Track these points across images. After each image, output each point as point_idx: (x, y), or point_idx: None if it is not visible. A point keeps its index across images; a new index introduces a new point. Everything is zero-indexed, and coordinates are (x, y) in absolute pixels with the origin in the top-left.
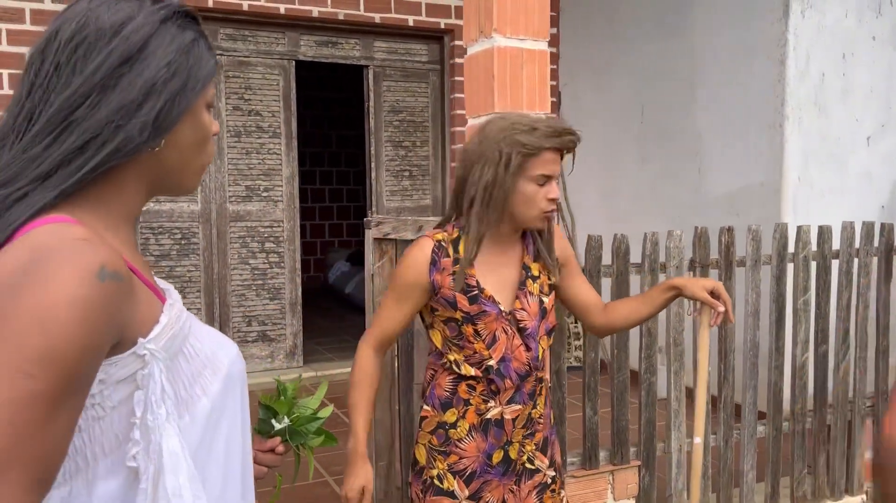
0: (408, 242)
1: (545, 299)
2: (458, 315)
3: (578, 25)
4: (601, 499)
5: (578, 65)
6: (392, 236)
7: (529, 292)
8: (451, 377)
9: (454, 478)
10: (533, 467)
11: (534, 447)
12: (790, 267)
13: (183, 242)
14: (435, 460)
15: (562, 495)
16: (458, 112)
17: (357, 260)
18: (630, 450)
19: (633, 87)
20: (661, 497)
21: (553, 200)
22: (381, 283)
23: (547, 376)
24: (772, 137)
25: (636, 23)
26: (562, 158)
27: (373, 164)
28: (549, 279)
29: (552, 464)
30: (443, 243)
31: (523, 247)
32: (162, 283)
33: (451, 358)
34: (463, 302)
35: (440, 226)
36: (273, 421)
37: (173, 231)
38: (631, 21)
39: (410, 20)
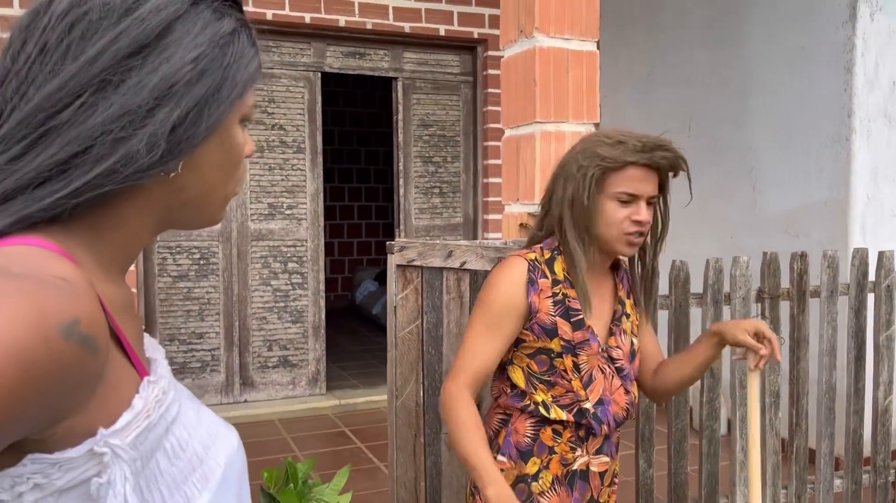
0: (435, 270)
1: (635, 340)
2: (556, 345)
3: (618, 34)
4: None
5: (618, 76)
6: (417, 262)
7: (623, 330)
8: (533, 421)
9: None
10: None
11: None
12: (870, 297)
13: (202, 262)
14: None
15: None
16: (492, 126)
17: (385, 279)
18: None
19: (680, 99)
20: None
21: (638, 222)
22: (404, 317)
23: None
24: (836, 152)
25: (681, 30)
26: (664, 179)
27: (401, 181)
28: (638, 319)
29: None
30: (537, 263)
31: (616, 278)
32: (151, 349)
33: (538, 398)
34: (565, 328)
35: (527, 247)
36: None
37: (192, 250)
38: (675, 28)
39: (442, 30)
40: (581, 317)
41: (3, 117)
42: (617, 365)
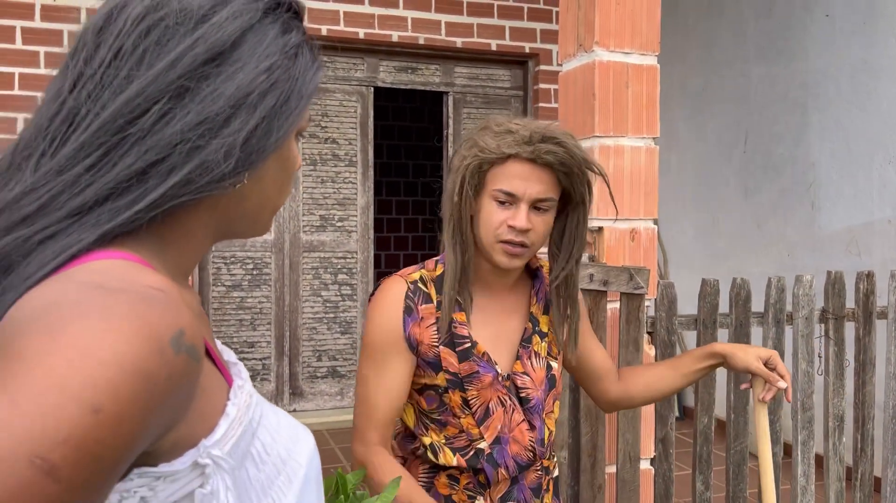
0: None
1: (554, 364)
2: (441, 380)
3: (672, 48)
4: None
5: (672, 91)
6: None
7: (535, 352)
8: (426, 467)
9: None
10: None
11: None
12: None
13: (255, 272)
14: None
15: None
16: None
17: None
18: None
19: (735, 114)
20: None
21: (515, 229)
22: None
23: (555, 464)
24: None
25: (737, 44)
26: (572, 186)
27: None
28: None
29: None
30: (419, 284)
31: (531, 291)
32: (226, 353)
33: (427, 441)
34: (450, 359)
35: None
36: None
37: (245, 261)
38: (731, 42)
39: (493, 45)
40: (468, 345)
41: (77, 124)
42: (521, 395)
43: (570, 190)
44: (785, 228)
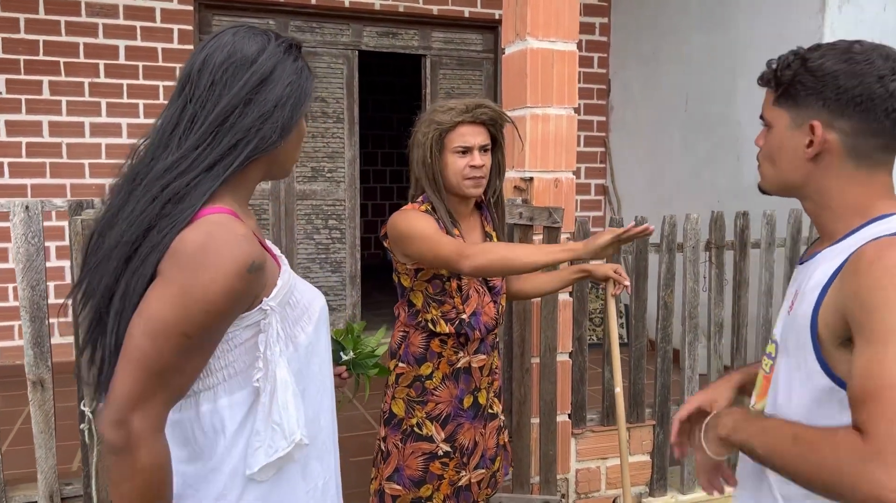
0: None
1: None
2: (445, 271)
3: (629, 16)
4: (617, 453)
5: (628, 55)
6: None
7: None
8: (425, 335)
9: (432, 424)
10: (492, 412)
11: (493, 394)
12: (803, 249)
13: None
14: (414, 410)
15: (503, 436)
16: None
17: None
18: (646, 410)
19: (679, 77)
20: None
21: (475, 167)
22: None
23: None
24: None
25: (683, 14)
26: (497, 133)
27: None
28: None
29: (504, 410)
30: (430, 213)
31: (482, 217)
32: (274, 248)
33: (429, 316)
34: None
35: (411, 203)
36: (341, 353)
37: None
38: (678, 12)
39: (466, 12)
40: None
41: (197, 122)
42: (490, 284)
43: (497, 136)
44: (716, 177)
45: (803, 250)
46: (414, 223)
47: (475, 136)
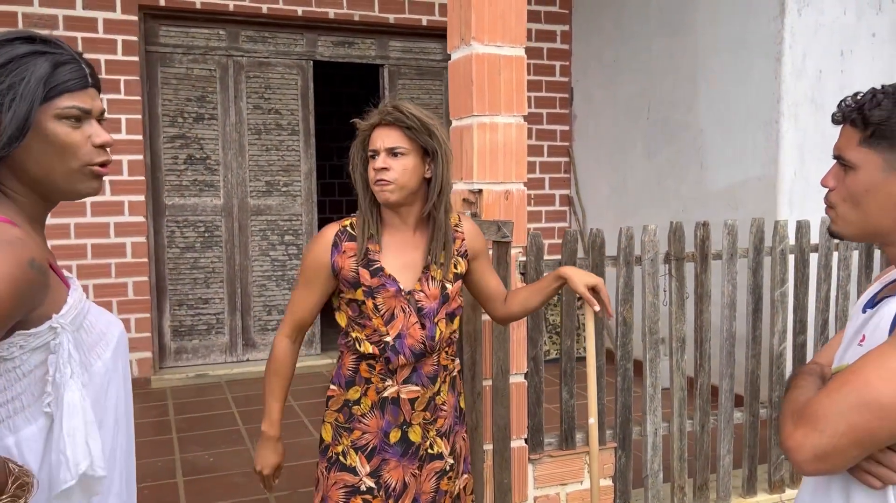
0: None
1: (449, 286)
2: (360, 294)
3: (589, 23)
4: (577, 478)
5: (589, 62)
6: None
7: (432, 277)
8: (354, 356)
9: (356, 454)
10: (434, 453)
11: (435, 433)
12: (768, 260)
13: (206, 235)
14: (340, 436)
15: (457, 483)
16: None
17: None
18: (607, 432)
19: (641, 84)
20: (638, 478)
21: (376, 170)
22: None
23: (455, 365)
24: (768, 133)
25: (642, 20)
26: (426, 140)
27: None
28: (456, 268)
29: (453, 453)
30: (349, 228)
31: (432, 234)
32: (66, 272)
33: (354, 335)
34: (365, 275)
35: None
36: None
37: (197, 224)
38: (637, 19)
39: (424, 20)
40: (379, 265)
41: None
42: (418, 305)
43: (422, 143)
44: (680, 186)
45: (858, 293)
46: (307, 246)
47: (383, 138)
